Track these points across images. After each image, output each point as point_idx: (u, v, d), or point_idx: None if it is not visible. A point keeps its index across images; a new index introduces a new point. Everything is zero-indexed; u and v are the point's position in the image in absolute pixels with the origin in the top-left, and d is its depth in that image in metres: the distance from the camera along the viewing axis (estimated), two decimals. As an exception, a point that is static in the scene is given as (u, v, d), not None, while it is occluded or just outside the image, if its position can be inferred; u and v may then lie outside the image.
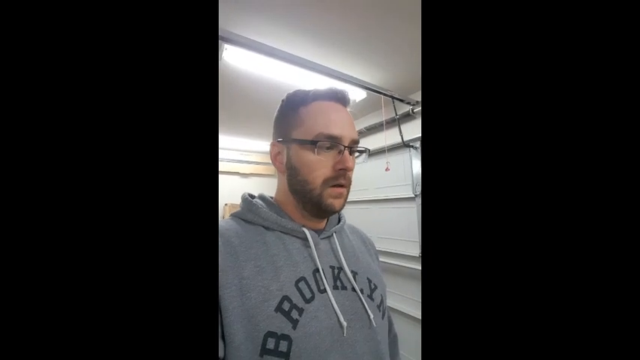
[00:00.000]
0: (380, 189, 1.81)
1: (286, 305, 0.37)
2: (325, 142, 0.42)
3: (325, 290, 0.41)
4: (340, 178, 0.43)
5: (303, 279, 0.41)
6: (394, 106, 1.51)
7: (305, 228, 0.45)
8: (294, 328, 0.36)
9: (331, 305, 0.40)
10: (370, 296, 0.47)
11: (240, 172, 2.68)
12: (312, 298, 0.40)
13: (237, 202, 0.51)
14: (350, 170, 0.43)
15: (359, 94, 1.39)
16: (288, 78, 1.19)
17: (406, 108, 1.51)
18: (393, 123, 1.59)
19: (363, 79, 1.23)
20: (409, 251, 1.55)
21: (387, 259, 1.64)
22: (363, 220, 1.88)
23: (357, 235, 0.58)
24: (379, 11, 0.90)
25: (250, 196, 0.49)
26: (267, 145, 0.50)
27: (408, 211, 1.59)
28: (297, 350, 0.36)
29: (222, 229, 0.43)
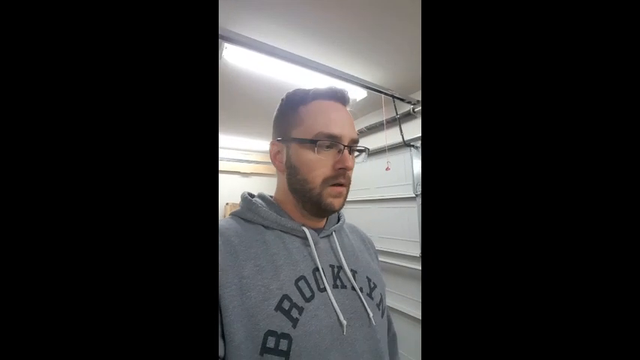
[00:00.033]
0: (381, 188, 1.80)
1: (286, 304, 0.38)
2: (325, 141, 0.42)
3: (325, 289, 0.41)
4: (340, 177, 0.43)
5: (302, 278, 0.41)
6: (395, 106, 1.51)
7: (305, 227, 0.45)
8: (294, 326, 0.37)
9: (331, 304, 0.40)
10: (370, 295, 0.47)
11: (241, 171, 2.68)
12: (312, 296, 0.40)
13: (237, 202, 0.51)
14: (350, 169, 0.43)
15: (359, 93, 1.39)
16: (288, 77, 1.19)
17: (407, 107, 1.50)
18: (393, 122, 1.59)
19: (363, 78, 1.23)
20: (410, 251, 1.55)
21: (388, 259, 1.63)
22: (363, 220, 1.88)
23: (357, 234, 0.58)
24: (379, 10, 0.90)
25: (250, 195, 0.49)
26: (267, 145, 0.50)
27: (408, 211, 1.59)
28: (297, 349, 0.36)
29: (222, 228, 0.43)
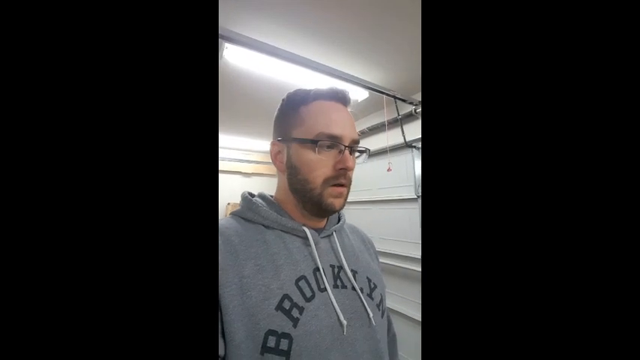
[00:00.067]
0: (382, 189, 1.80)
1: (287, 304, 0.38)
2: (326, 142, 0.43)
3: (325, 289, 0.41)
4: (340, 177, 0.43)
5: (303, 278, 0.41)
6: (396, 106, 1.51)
7: (305, 227, 0.45)
8: (294, 326, 0.37)
9: (331, 304, 0.40)
10: (370, 295, 0.47)
11: (243, 171, 2.68)
12: (313, 296, 0.40)
13: (239, 202, 0.51)
14: (350, 170, 0.43)
15: (361, 94, 1.38)
16: (288, 77, 1.19)
17: (409, 108, 1.50)
18: (395, 123, 1.59)
19: (364, 78, 1.22)
20: (411, 253, 1.54)
21: (390, 260, 1.63)
22: (365, 221, 1.87)
23: (357, 235, 0.58)
24: (379, 10, 0.90)
25: (250, 195, 0.49)
26: (268, 145, 0.50)
27: (410, 212, 1.58)
28: (297, 349, 0.36)
29: (223, 227, 0.43)
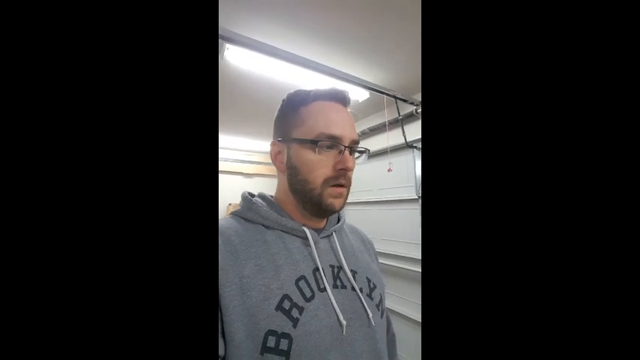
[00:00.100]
0: (383, 190, 1.80)
1: (287, 304, 0.38)
2: (326, 142, 0.43)
3: (325, 289, 0.41)
4: (340, 177, 0.43)
5: (303, 278, 0.41)
6: (397, 107, 1.51)
7: (305, 227, 0.45)
8: (294, 326, 0.37)
9: (331, 304, 0.40)
10: (369, 295, 0.47)
11: (244, 172, 2.68)
12: (312, 296, 0.40)
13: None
14: (350, 170, 0.44)
15: (361, 94, 1.38)
16: (289, 77, 1.19)
17: (409, 108, 1.50)
18: (396, 123, 1.59)
19: (364, 78, 1.22)
20: (412, 254, 1.54)
21: (390, 261, 1.62)
22: (365, 222, 1.87)
23: (357, 235, 0.58)
24: (379, 10, 0.90)
25: (250, 195, 0.49)
26: (268, 145, 0.50)
27: (411, 213, 1.58)
28: (297, 349, 0.36)
29: (223, 227, 0.43)
